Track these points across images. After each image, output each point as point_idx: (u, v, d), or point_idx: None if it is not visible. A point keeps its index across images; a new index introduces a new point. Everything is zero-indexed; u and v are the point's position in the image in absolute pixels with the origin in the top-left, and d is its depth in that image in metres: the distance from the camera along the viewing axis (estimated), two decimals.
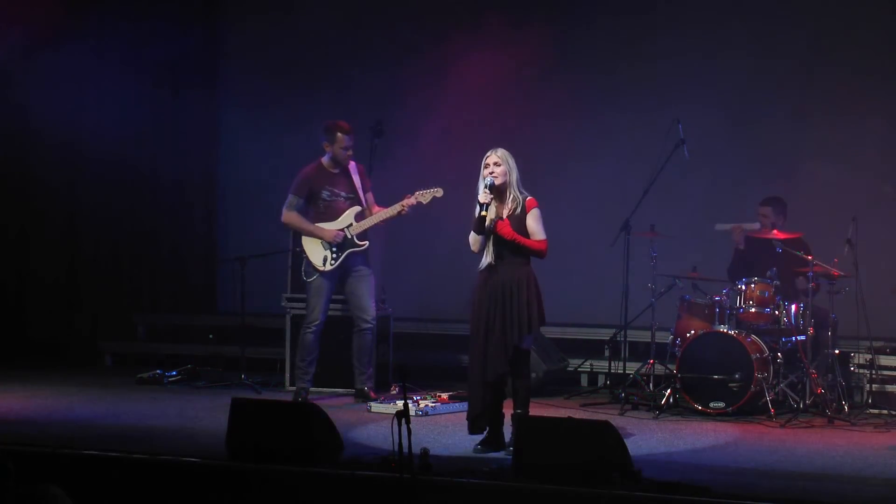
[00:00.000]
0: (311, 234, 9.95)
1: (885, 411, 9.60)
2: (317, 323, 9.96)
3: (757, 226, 10.30)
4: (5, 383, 10.69)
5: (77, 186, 12.93)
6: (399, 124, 11.39)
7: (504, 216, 8.03)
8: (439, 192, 9.81)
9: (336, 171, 9.99)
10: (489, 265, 8.02)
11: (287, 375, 10.60)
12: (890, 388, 9.89)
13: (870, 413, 9.59)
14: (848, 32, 11.37)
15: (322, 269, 9.90)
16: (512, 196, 8.05)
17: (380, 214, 9.94)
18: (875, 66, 11.32)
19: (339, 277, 10.00)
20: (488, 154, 8.08)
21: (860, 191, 11.14)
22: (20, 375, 11.19)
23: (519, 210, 8.04)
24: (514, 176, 8.06)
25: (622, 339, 10.26)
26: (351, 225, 9.95)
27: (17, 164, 12.84)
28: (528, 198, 8.08)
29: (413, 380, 10.17)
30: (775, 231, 9.99)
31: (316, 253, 9.95)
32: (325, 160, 10.01)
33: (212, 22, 13.25)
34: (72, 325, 12.92)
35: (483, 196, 7.97)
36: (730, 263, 10.47)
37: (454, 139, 11.95)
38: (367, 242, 9.97)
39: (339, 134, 9.91)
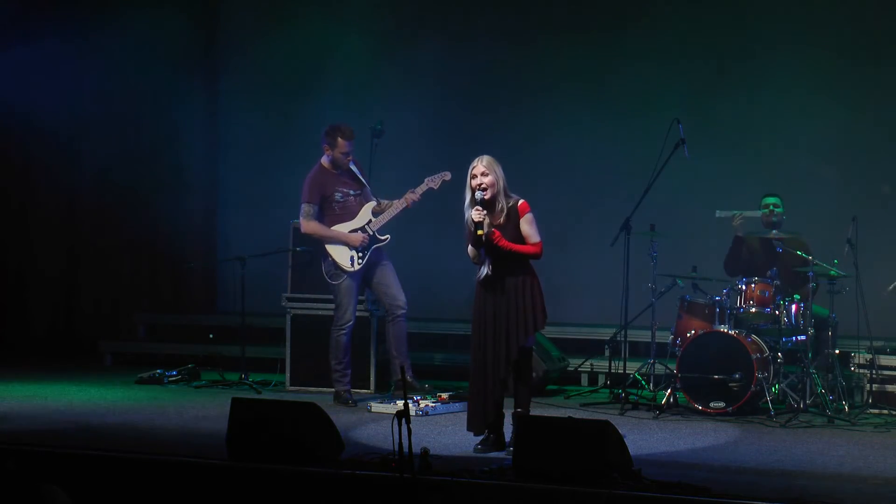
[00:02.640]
0: (336, 241, 9.86)
1: (885, 411, 9.60)
2: (350, 324, 9.92)
3: (758, 214, 10.29)
4: (5, 383, 10.69)
5: (77, 186, 12.93)
6: (399, 124, 11.39)
7: (495, 224, 7.99)
8: (448, 176, 9.79)
9: (338, 171, 9.98)
10: (487, 276, 8.02)
11: (287, 375, 10.60)
12: (890, 388, 9.88)
13: (870, 413, 9.58)
14: (849, 31, 11.37)
15: (350, 269, 9.85)
16: (501, 205, 8.01)
17: (395, 208, 9.92)
18: (876, 66, 11.32)
19: (363, 275, 10.00)
20: (474, 164, 8.01)
21: (860, 191, 11.14)
22: (20, 375, 11.19)
23: (510, 216, 8.02)
24: (502, 183, 8.00)
25: (622, 338, 10.25)
26: (370, 221, 9.93)
27: (18, 163, 12.85)
28: (521, 201, 8.05)
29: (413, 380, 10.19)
30: (775, 231, 10.00)
31: (342, 254, 9.88)
32: (325, 162, 9.97)
33: (212, 23, 13.25)
34: (72, 324, 12.92)
35: (476, 215, 7.90)
36: (727, 254, 10.44)
37: (453, 139, 11.95)
38: (388, 236, 9.96)
39: (339, 139, 9.86)
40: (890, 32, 11.31)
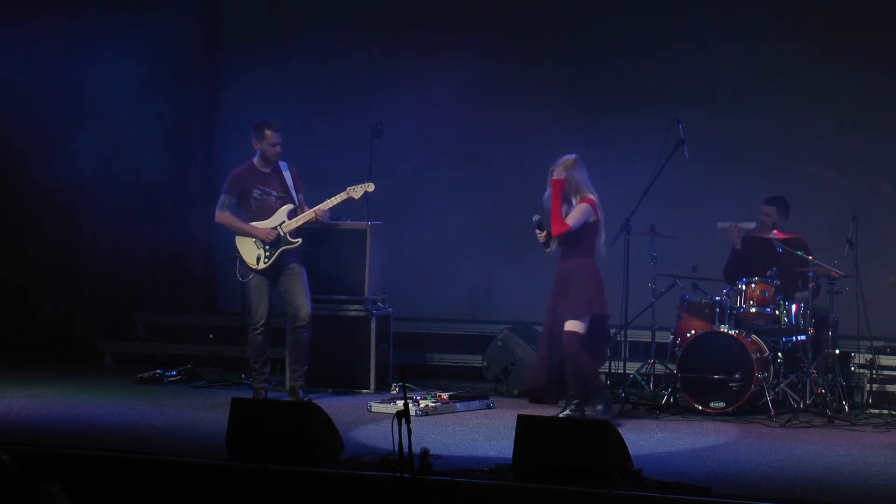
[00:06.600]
0: (244, 234, 9.96)
1: (885, 411, 9.61)
2: (262, 322, 9.96)
3: (753, 225, 10.29)
4: (5, 383, 10.69)
5: (77, 186, 12.92)
6: (399, 125, 11.39)
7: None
8: (370, 187, 10.00)
9: (267, 170, 10.03)
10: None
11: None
12: (890, 388, 9.89)
13: (870, 413, 9.59)
14: (848, 32, 11.37)
15: (256, 267, 9.91)
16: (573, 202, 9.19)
17: (305, 215, 9.93)
18: (875, 65, 11.32)
19: (273, 276, 10.00)
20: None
21: (860, 191, 11.14)
22: (20, 375, 11.19)
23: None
24: (573, 185, 9.17)
25: (622, 339, 10.26)
26: (284, 223, 9.96)
27: (16, 163, 12.84)
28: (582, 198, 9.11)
29: (413, 380, 10.20)
30: (775, 231, 9.99)
31: (249, 252, 9.95)
32: (255, 159, 10.06)
33: (214, 26, 13.25)
34: (72, 325, 12.92)
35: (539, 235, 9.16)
36: (726, 263, 10.44)
37: (452, 140, 11.95)
38: (300, 240, 9.97)
39: (267, 131, 9.96)
40: (890, 33, 11.30)
